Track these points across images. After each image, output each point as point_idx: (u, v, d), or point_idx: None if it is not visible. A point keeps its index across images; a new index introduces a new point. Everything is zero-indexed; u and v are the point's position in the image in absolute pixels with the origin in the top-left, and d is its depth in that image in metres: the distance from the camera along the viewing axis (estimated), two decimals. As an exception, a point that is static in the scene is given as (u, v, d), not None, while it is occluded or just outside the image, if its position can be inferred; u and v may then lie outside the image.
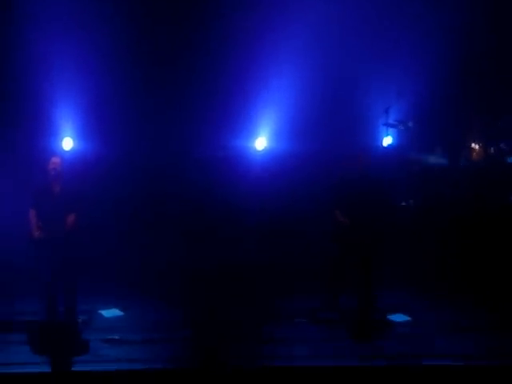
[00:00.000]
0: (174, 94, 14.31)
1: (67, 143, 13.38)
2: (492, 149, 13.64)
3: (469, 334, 9.81)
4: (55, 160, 10.20)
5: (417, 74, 13.95)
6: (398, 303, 10.54)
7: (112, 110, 13.76)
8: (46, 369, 8.90)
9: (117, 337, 9.80)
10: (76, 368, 8.93)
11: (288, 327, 10.08)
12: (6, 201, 11.62)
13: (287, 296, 10.85)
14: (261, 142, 14.81)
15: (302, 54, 14.14)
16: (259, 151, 14.64)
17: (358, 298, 10.29)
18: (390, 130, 14.33)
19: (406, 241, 12.08)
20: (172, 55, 14.26)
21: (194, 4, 14.26)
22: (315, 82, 14.21)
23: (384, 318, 10.17)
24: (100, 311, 10.59)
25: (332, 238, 10.32)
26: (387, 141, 14.57)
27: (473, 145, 13.63)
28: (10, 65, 13.33)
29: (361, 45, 14.27)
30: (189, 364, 9.09)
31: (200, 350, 9.37)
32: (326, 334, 9.87)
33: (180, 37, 14.22)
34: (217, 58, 14.20)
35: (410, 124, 13.99)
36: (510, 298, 10.63)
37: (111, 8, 13.73)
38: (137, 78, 14.02)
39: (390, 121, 14.08)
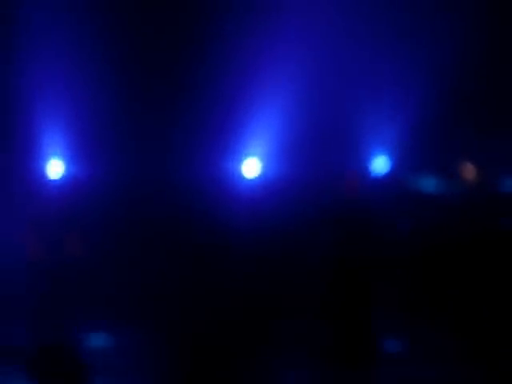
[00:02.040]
0: (161, 112, 14.18)
1: (55, 166, 13.11)
2: (488, 171, 13.52)
3: (463, 364, 9.67)
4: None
5: (415, 90, 13.85)
6: (395, 328, 10.39)
7: (99, 131, 13.62)
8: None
9: (101, 365, 9.63)
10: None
11: (284, 353, 9.96)
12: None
13: (280, 318, 10.73)
14: (251, 165, 14.29)
15: (297, 67, 14.02)
16: (249, 175, 14.17)
17: (349, 324, 10.12)
18: (383, 150, 14.20)
19: (403, 266, 11.94)
20: (160, 72, 14.14)
21: (184, 23, 14.15)
22: (307, 102, 14.09)
23: (378, 345, 10.00)
24: (89, 336, 10.43)
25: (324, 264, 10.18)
26: (379, 163, 14.41)
27: (467, 166, 13.50)
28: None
29: (355, 65, 14.16)
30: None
31: (192, 376, 9.25)
32: (317, 360, 9.72)
33: (168, 53, 14.10)
34: (206, 74, 14.08)
35: (404, 144, 13.85)
36: None
37: (103, 21, 13.63)
38: (124, 99, 13.89)
39: (382, 141, 13.95)
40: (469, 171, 13.52)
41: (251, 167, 13.82)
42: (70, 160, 13.50)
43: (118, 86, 13.83)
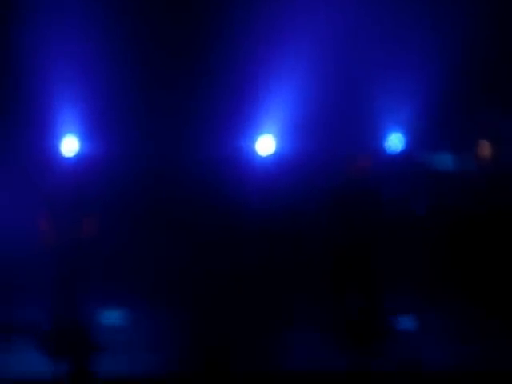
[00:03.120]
0: (175, 90, 14.16)
1: (70, 143, 13.15)
2: (504, 149, 13.44)
3: (477, 341, 9.64)
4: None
5: (426, 74, 13.76)
6: (406, 308, 10.37)
7: (114, 110, 13.61)
8: (57, 373, 8.78)
9: (119, 340, 9.67)
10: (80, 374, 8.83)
11: (292, 331, 9.96)
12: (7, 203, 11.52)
13: (293, 299, 10.72)
14: (266, 142, 14.44)
15: (309, 50, 13.95)
16: (263, 153, 14.33)
17: (362, 303, 10.11)
18: (397, 131, 14.14)
19: (413, 246, 11.91)
20: (175, 52, 14.11)
21: (196, 2, 14.11)
22: (321, 81, 14.03)
23: (388, 322, 9.99)
24: (103, 314, 10.45)
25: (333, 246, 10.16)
26: (394, 142, 14.36)
27: (484, 144, 13.42)
28: (10, 62, 13.20)
29: (370, 43, 14.08)
30: (191, 367, 8.98)
31: (202, 354, 9.27)
32: (329, 338, 9.72)
33: (183, 33, 14.06)
34: (223, 57, 14.04)
35: (419, 123, 13.79)
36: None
37: (116, 5, 13.59)
38: (138, 77, 13.87)
39: (397, 122, 13.89)
40: (484, 149, 13.44)
41: (265, 145, 13.95)
42: (85, 137, 13.53)
43: (133, 64, 13.82)
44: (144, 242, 12.09)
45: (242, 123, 14.24)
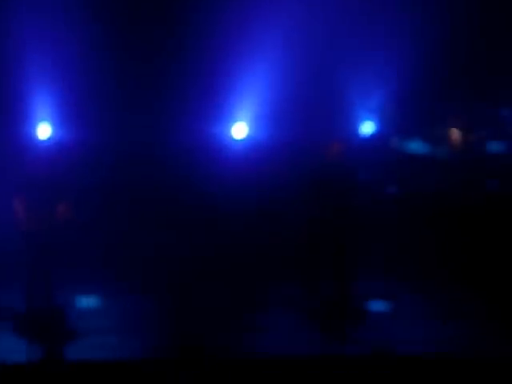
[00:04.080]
0: (150, 79, 14.12)
1: (44, 130, 13.11)
2: (474, 136, 13.53)
3: (449, 322, 9.69)
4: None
5: (397, 59, 13.80)
6: (378, 291, 10.40)
7: (88, 98, 13.55)
8: (32, 357, 8.74)
9: (95, 325, 9.63)
10: (55, 357, 8.79)
11: (267, 315, 9.94)
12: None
13: (268, 283, 10.71)
14: (240, 129, 14.60)
15: (283, 37, 13.95)
16: (238, 139, 14.43)
17: (336, 286, 10.15)
18: (372, 117, 14.19)
19: (387, 229, 11.96)
20: (150, 41, 14.06)
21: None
22: (295, 67, 14.03)
23: (362, 306, 10.02)
24: (78, 299, 10.40)
25: (308, 228, 10.19)
26: (368, 128, 14.42)
27: (454, 131, 13.50)
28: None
29: (341, 29, 14.09)
30: (169, 353, 8.96)
31: (179, 339, 9.25)
32: (303, 322, 9.73)
33: (156, 23, 14.02)
34: (195, 41, 14.01)
35: (392, 110, 13.85)
36: (491, 287, 10.51)
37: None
38: (113, 66, 13.81)
39: (372, 108, 13.94)
40: (454, 134, 13.52)
41: (240, 131, 14.10)
42: (60, 124, 13.46)
43: (107, 49, 13.74)
44: (118, 228, 12.05)
45: (218, 111, 14.26)
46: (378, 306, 10.07)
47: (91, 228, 11.73)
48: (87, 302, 10.41)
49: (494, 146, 13.51)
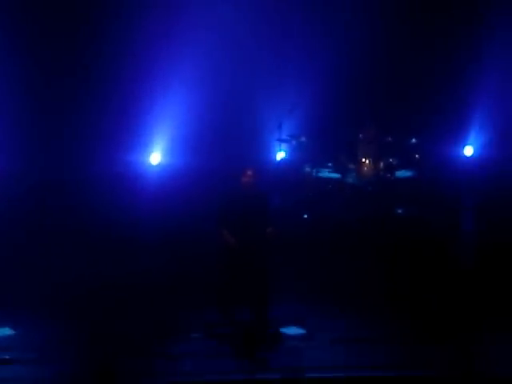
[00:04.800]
0: (68, 110, 14.08)
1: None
2: (382, 164, 13.85)
3: (360, 346, 9.84)
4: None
5: (309, 89, 14.06)
6: (293, 316, 10.48)
7: (4, 124, 13.45)
8: None
9: (7, 356, 9.52)
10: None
11: (182, 342, 9.93)
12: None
13: (185, 309, 10.71)
14: (155, 157, 14.69)
15: (197, 67, 14.07)
16: (153, 166, 14.52)
17: (250, 312, 10.24)
18: (283, 144, 14.41)
19: (302, 254, 12.12)
20: (63, 69, 14.01)
21: (82, 19, 14.04)
22: (209, 96, 14.17)
23: (277, 331, 10.13)
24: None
25: (221, 255, 10.27)
26: (280, 155, 14.64)
27: (363, 159, 13.79)
28: None
29: (256, 59, 14.30)
30: (83, 381, 8.92)
31: (93, 366, 9.19)
32: (217, 348, 9.76)
33: (72, 50, 13.98)
34: (110, 69, 14.01)
35: (303, 139, 14.08)
36: (406, 309, 10.73)
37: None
38: (29, 92, 13.73)
39: (283, 136, 14.15)
40: (363, 162, 13.82)
41: (155, 159, 14.28)
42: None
43: (19, 85, 13.65)
44: (27, 255, 11.93)
45: (134, 139, 14.33)
46: (293, 330, 10.17)
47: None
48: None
49: (401, 173, 13.88)
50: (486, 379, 8.92)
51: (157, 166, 14.56)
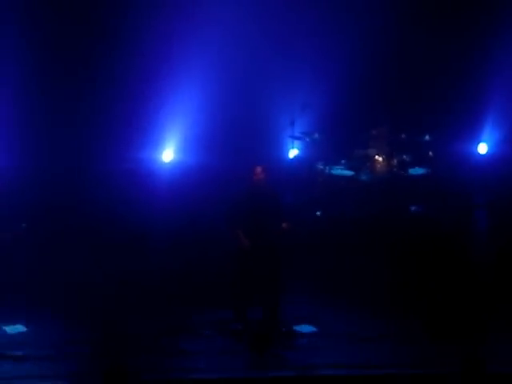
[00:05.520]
0: (78, 106, 14.03)
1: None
2: (395, 161, 13.76)
3: (373, 343, 9.80)
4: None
5: (322, 86, 13.99)
6: (306, 314, 10.45)
7: (11, 122, 13.40)
8: None
9: (20, 353, 9.48)
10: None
11: (196, 339, 9.92)
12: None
13: (197, 308, 10.68)
14: (168, 154, 14.63)
15: (209, 65, 14.01)
16: (166, 163, 14.47)
17: (263, 310, 10.20)
18: (296, 142, 14.33)
19: (315, 252, 12.06)
20: (77, 67, 13.96)
21: (91, 17, 13.99)
22: (221, 94, 14.10)
23: (290, 329, 10.08)
24: (3, 327, 10.21)
25: (234, 255, 10.22)
26: (293, 153, 14.56)
27: (376, 156, 13.71)
28: None
29: (268, 57, 14.23)
30: (93, 380, 8.87)
31: (105, 364, 9.15)
32: (231, 346, 9.74)
33: (81, 49, 13.93)
34: (121, 68, 13.96)
35: (316, 136, 14.00)
36: (417, 307, 10.66)
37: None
38: (36, 90, 13.69)
39: (296, 133, 14.08)
40: (376, 161, 13.75)
41: (168, 156, 14.14)
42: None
43: (28, 84, 13.61)
44: (39, 254, 11.88)
45: (147, 136, 14.29)
46: (305, 328, 10.13)
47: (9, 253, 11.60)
48: (6, 329, 10.18)
49: (414, 170, 13.79)
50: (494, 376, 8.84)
51: (169, 163, 14.48)
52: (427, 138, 13.89)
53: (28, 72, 13.61)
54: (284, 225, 10.06)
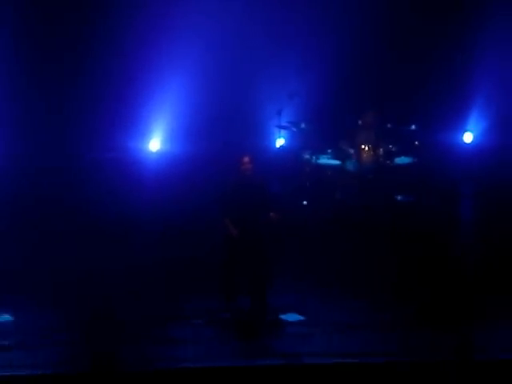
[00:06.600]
0: (64, 95, 13.96)
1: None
2: (381, 150, 13.73)
3: (361, 332, 9.76)
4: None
5: (309, 75, 13.96)
6: (292, 303, 10.40)
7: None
8: None
9: (6, 342, 9.40)
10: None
11: (184, 328, 9.87)
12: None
13: (185, 296, 10.63)
14: (154, 144, 14.58)
15: (196, 54, 13.96)
16: (153, 153, 14.42)
17: (252, 299, 10.15)
18: (283, 131, 14.28)
19: (302, 241, 12.04)
20: (62, 54, 13.88)
21: (81, 3, 13.92)
22: (208, 83, 14.06)
23: (276, 318, 10.03)
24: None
25: (222, 244, 10.17)
26: (280, 142, 14.51)
27: (363, 146, 13.67)
28: None
29: (255, 46, 14.19)
30: (82, 367, 8.80)
31: (93, 353, 9.09)
32: (219, 334, 9.70)
33: (69, 34, 13.86)
34: (108, 57, 13.90)
35: (303, 125, 13.95)
36: (404, 296, 10.63)
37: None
38: (26, 77, 13.60)
39: (283, 122, 14.02)
40: (363, 151, 13.71)
41: (155, 145, 14.13)
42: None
43: (22, 64, 13.55)
44: (25, 243, 11.82)
45: (134, 125, 14.23)
46: (292, 317, 10.09)
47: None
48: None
49: (400, 160, 13.76)
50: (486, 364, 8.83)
51: (156, 153, 14.42)
52: (413, 127, 13.87)
53: (19, 62, 13.54)
54: (272, 214, 10.01)
